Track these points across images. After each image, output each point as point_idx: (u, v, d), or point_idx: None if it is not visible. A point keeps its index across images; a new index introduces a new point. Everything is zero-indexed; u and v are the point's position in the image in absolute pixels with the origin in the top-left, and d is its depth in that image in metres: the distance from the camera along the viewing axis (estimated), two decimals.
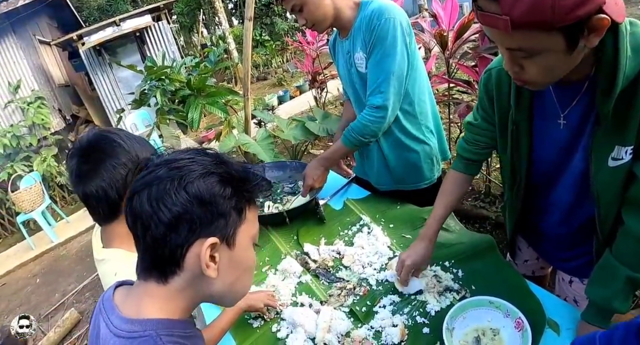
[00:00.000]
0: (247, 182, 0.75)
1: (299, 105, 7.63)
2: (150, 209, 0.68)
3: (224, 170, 0.73)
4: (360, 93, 1.81)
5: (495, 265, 1.45)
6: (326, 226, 1.84)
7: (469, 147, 1.40)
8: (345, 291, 1.45)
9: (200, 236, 0.69)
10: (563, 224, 1.28)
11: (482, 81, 1.25)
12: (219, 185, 0.71)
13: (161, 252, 0.70)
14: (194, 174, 0.70)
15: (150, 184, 0.70)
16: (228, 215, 0.72)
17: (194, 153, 0.75)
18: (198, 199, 0.69)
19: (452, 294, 1.38)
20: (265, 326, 1.42)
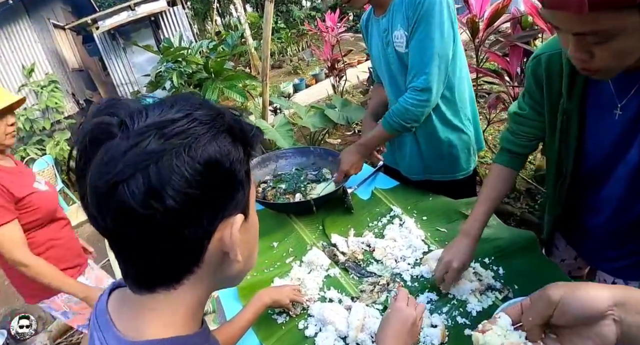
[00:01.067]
0: (249, 133, 0.58)
1: (315, 94, 7.50)
2: (152, 199, 0.48)
3: (229, 125, 0.55)
4: (397, 74, 1.68)
5: (538, 264, 1.36)
6: (354, 216, 1.72)
7: (515, 139, 1.31)
8: (378, 287, 1.34)
9: (224, 217, 0.55)
10: (612, 221, 1.20)
11: (530, 68, 1.17)
12: (233, 148, 0.53)
13: (173, 253, 0.53)
14: (202, 139, 0.51)
15: (143, 164, 0.48)
16: (245, 182, 0.57)
17: (183, 109, 0.53)
18: (215, 172, 0.51)
19: (494, 294, 1.29)
20: (291, 322, 1.31)
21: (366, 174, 1.97)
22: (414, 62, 1.55)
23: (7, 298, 4.61)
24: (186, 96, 0.56)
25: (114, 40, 8.79)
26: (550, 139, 1.22)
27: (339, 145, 5.05)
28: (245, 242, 0.61)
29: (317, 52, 5.87)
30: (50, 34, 8.51)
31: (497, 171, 1.36)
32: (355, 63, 7.88)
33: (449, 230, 1.56)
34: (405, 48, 1.57)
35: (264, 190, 1.87)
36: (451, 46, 1.54)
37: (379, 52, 1.74)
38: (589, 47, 0.82)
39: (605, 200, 1.18)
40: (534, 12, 2.50)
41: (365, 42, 1.87)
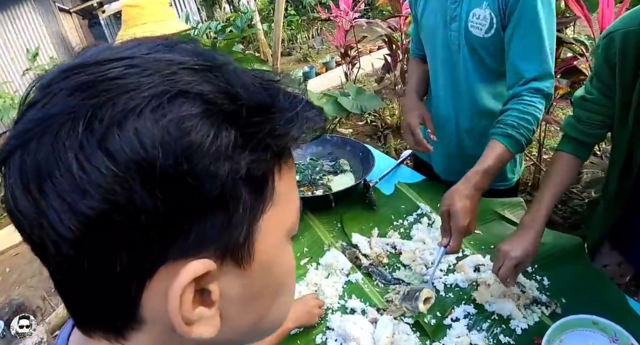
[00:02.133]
0: (275, 112, 0.33)
1: (327, 81, 7.31)
2: (29, 205, 0.29)
3: (216, 85, 0.31)
4: (458, 60, 1.40)
5: (586, 274, 1.22)
6: (376, 213, 1.54)
7: (581, 127, 1.17)
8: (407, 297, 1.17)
9: (168, 259, 0.31)
10: None
11: (602, 47, 1.07)
12: (201, 127, 0.29)
13: (86, 295, 0.32)
14: (131, 101, 0.28)
15: (26, 136, 0.29)
16: (233, 198, 0.31)
17: (146, 46, 0.32)
18: (141, 170, 0.27)
19: (540, 308, 1.13)
20: (307, 336, 1.14)
21: (388, 166, 1.79)
22: (534, 58, 1.25)
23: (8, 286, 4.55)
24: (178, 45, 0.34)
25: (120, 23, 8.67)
26: (620, 126, 1.10)
27: (350, 135, 4.88)
28: (247, 302, 0.37)
29: (329, 37, 5.68)
30: (56, 18, 8.41)
31: (561, 158, 1.20)
32: (367, 52, 7.67)
33: (484, 233, 1.39)
34: (486, 33, 1.29)
35: None
36: None
37: (436, 23, 1.42)
38: None
39: None
40: None
41: (413, 9, 1.53)
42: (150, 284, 0.31)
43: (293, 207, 0.39)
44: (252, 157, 0.31)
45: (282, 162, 0.36)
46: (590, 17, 2.38)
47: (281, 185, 0.35)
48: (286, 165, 0.36)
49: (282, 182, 0.36)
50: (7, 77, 7.86)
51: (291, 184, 0.38)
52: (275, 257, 0.37)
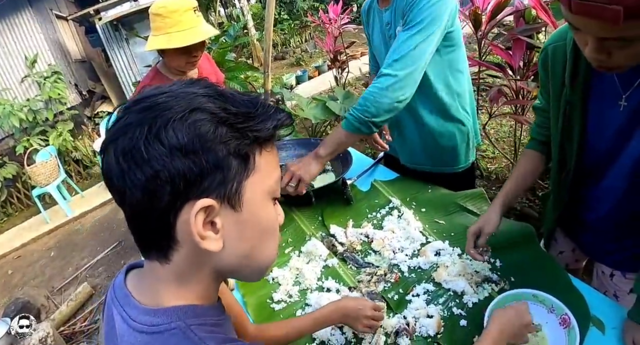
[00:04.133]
0: (252, 116, 0.55)
1: (318, 85, 7.48)
2: (119, 168, 0.51)
3: (217, 105, 0.53)
4: None
5: (535, 257, 1.36)
6: (353, 208, 1.73)
7: (540, 130, 1.36)
8: (376, 277, 1.35)
9: (190, 199, 0.52)
10: (612, 214, 1.20)
11: (540, 60, 1.19)
12: (207, 125, 0.52)
13: (144, 223, 0.54)
14: (170, 114, 0.51)
15: (116, 134, 0.52)
16: (226, 166, 0.53)
17: (177, 85, 0.56)
18: (178, 148, 0.50)
19: (491, 285, 1.29)
20: (287, 310, 1.32)
21: (365, 166, 1.97)
22: None
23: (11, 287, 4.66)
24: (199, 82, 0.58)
25: (116, 31, 8.75)
26: (554, 130, 1.22)
27: None
28: (242, 234, 0.58)
29: (320, 43, 5.84)
30: (53, 25, 8.47)
31: (527, 154, 1.39)
32: (359, 55, 7.83)
33: (446, 222, 1.57)
34: None
35: None
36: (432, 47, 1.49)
37: (381, 42, 1.72)
38: (610, 48, 0.83)
39: (607, 194, 1.18)
40: (537, 5, 2.47)
41: (365, 30, 1.85)
42: (180, 213, 0.53)
43: (272, 176, 0.60)
44: (237, 142, 0.54)
45: (263, 147, 0.58)
46: (557, 23, 2.53)
47: (261, 161, 0.57)
48: (265, 149, 0.58)
49: (262, 159, 0.58)
50: (6, 84, 7.94)
51: (271, 161, 0.60)
52: (259, 208, 0.59)
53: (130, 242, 3.88)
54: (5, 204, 6.77)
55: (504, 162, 3.44)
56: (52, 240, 5.46)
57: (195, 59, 1.87)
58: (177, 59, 1.83)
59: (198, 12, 1.84)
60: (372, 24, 1.74)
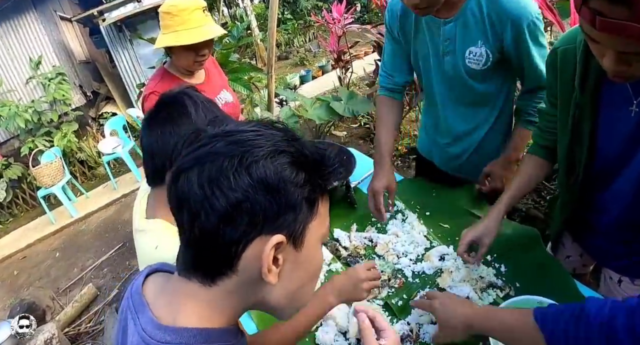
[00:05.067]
0: (323, 166, 0.60)
1: (322, 85, 7.46)
2: (201, 192, 0.54)
3: (296, 149, 0.58)
4: (456, 86, 1.55)
5: (541, 262, 1.35)
6: (357, 211, 1.72)
7: (543, 134, 1.34)
8: (380, 282, 1.33)
9: (263, 232, 0.55)
10: (620, 219, 1.18)
11: (548, 63, 1.19)
12: (290, 169, 0.56)
13: (211, 248, 0.57)
14: (260, 152, 0.55)
15: (203, 160, 0.55)
16: (299, 208, 0.57)
17: (259, 125, 0.60)
18: (264, 184, 0.54)
19: (495, 291, 1.29)
20: None
21: (370, 167, 1.96)
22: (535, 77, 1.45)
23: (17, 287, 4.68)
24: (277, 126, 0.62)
25: (120, 32, 8.77)
26: (562, 134, 1.21)
27: (344, 138, 5.04)
28: (295, 273, 0.62)
29: (323, 43, 5.83)
30: (57, 26, 8.50)
31: (530, 159, 1.38)
32: (362, 55, 7.83)
33: (451, 226, 1.56)
34: (483, 66, 1.44)
35: None
36: None
37: (428, 52, 1.54)
38: (630, 61, 0.83)
39: (616, 198, 1.17)
40: (543, 4, 2.45)
41: (396, 35, 1.61)
42: (250, 245, 0.56)
43: (325, 222, 0.65)
44: (310, 188, 0.58)
45: (324, 194, 0.63)
46: (563, 23, 2.51)
47: (321, 207, 0.62)
48: (325, 197, 0.64)
49: (322, 206, 0.63)
50: (11, 85, 7.98)
51: (326, 208, 0.65)
52: (313, 250, 0.63)
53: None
54: (10, 204, 6.81)
55: None
56: (57, 241, 5.48)
57: (203, 59, 1.86)
58: (185, 58, 1.84)
59: (207, 12, 1.85)
60: (416, 33, 1.55)
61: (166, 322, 0.60)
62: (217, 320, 0.61)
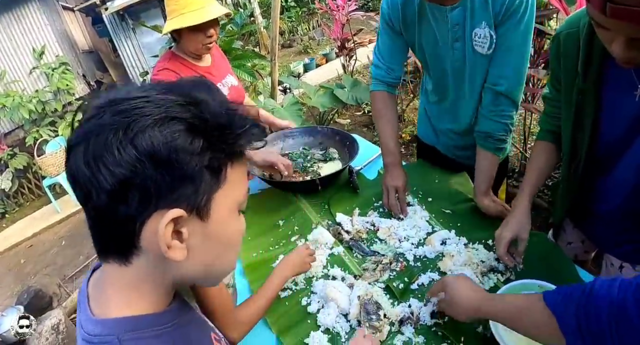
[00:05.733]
0: (228, 130, 0.54)
1: (325, 73, 7.43)
2: (88, 170, 0.49)
3: (193, 114, 0.52)
4: (467, 74, 1.50)
5: (542, 247, 1.35)
6: (359, 196, 1.72)
7: (549, 120, 1.33)
8: (381, 266, 1.34)
9: (159, 207, 0.51)
10: (623, 206, 1.18)
11: (552, 49, 1.18)
12: (184, 137, 0.51)
13: (108, 227, 0.53)
14: (146, 120, 0.50)
15: (89, 135, 0.50)
16: (199, 178, 0.53)
17: (152, 90, 0.54)
18: (152, 157, 0.49)
19: (496, 275, 1.29)
20: (293, 298, 1.33)
21: (372, 154, 1.96)
22: (509, 68, 1.39)
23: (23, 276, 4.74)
24: (187, 81, 0.57)
25: (123, 20, 8.74)
26: (565, 119, 1.20)
27: (348, 126, 5.02)
28: (207, 245, 0.58)
29: (327, 31, 5.79)
30: (60, 16, 8.49)
31: (541, 146, 1.37)
32: (366, 42, 7.77)
33: (453, 212, 1.56)
34: (488, 49, 1.39)
35: None
36: None
37: (436, 42, 1.49)
38: (639, 47, 0.82)
39: (618, 185, 1.16)
40: None
41: (395, 25, 1.55)
42: (147, 222, 0.52)
43: (240, 189, 0.61)
44: (211, 156, 0.53)
45: (234, 160, 0.58)
46: (569, 9, 2.48)
47: (232, 174, 0.57)
48: (237, 163, 0.58)
49: (233, 172, 0.58)
50: (14, 76, 7.99)
51: (241, 175, 0.60)
52: (226, 220, 0.59)
53: None
54: (16, 194, 6.87)
55: (514, 150, 3.41)
56: (63, 230, 5.53)
57: (211, 40, 1.87)
58: (193, 41, 1.85)
59: None
60: (420, 22, 1.49)
61: (97, 314, 0.58)
62: (143, 305, 0.59)
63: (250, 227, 1.67)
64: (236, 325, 1.08)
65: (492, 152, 1.50)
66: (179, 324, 0.63)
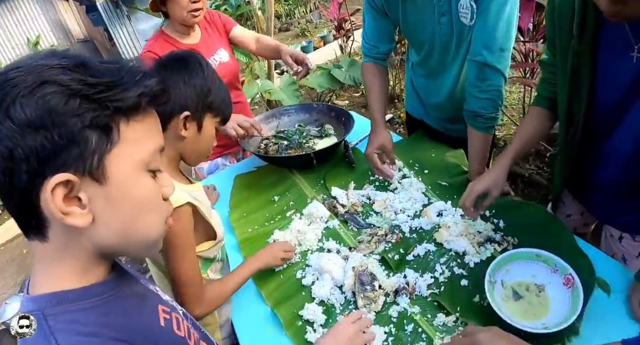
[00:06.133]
0: (116, 85, 0.53)
1: (323, 56, 7.34)
2: None
3: (72, 76, 0.51)
4: (452, 48, 1.50)
5: (540, 218, 1.34)
6: (355, 170, 1.70)
7: (546, 85, 1.30)
8: (376, 238, 1.33)
9: (47, 175, 0.50)
10: (622, 173, 1.16)
11: (547, 12, 1.16)
12: (56, 98, 0.49)
13: (10, 201, 0.53)
14: (16, 90, 0.49)
15: None
16: (82, 140, 0.51)
17: (33, 59, 0.53)
18: (28, 125, 0.48)
19: (493, 246, 1.28)
20: (288, 271, 1.32)
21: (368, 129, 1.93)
22: (490, 37, 1.35)
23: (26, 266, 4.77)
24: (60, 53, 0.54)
25: (117, 8, 8.65)
26: (562, 84, 1.18)
27: (346, 107, 4.98)
28: (113, 208, 0.55)
29: (324, 12, 5.72)
30: (54, 5, 8.43)
31: (533, 112, 1.35)
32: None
33: (450, 184, 1.54)
34: (470, 20, 1.36)
35: (266, 146, 1.85)
36: None
37: (422, 18, 1.48)
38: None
39: (616, 151, 1.15)
40: None
41: (378, 4, 1.56)
42: (41, 191, 0.51)
43: (144, 147, 0.58)
44: (94, 114, 0.51)
45: (130, 117, 0.55)
46: None
47: (128, 131, 0.55)
48: (134, 119, 0.56)
49: (130, 130, 0.55)
50: None
51: (143, 131, 0.57)
52: (130, 181, 0.56)
53: None
54: None
55: (513, 129, 3.38)
56: None
57: (196, 6, 1.84)
58: (179, 8, 1.82)
59: None
60: (404, 0, 1.48)
61: (31, 291, 0.57)
62: (68, 279, 0.57)
63: (246, 202, 1.66)
64: (201, 301, 1.08)
65: (483, 131, 1.46)
66: (115, 296, 0.61)
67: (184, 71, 1.06)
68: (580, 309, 0.99)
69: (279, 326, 1.19)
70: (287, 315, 1.20)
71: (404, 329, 1.10)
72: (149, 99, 0.57)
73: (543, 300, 1.09)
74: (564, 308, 1.03)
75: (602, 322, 1.03)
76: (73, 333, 0.54)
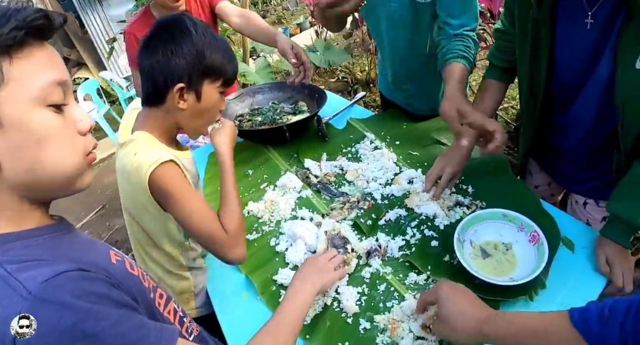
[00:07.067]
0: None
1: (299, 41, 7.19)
2: None
3: None
4: (400, 30, 1.55)
5: (508, 183, 1.37)
6: (328, 144, 1.72)
7: (499, 54, 1.32)
8: (349, 205, 1.35)
9: None
10: (584, 141, 1.21)
11: None
12: None
13: None
14: None
15: None
16: None
17: None
18: None
19: (462, 209, 1.31)
20: (262, 239, 1.34)
21: (341, 106, 1.95)
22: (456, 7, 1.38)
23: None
24: None
25: None
26: (521, 54, 1.20)
27: None
28: (13, 149, 0.55)
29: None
30: None
31: (487, 84, 1.37)
32: None
33: (420, 154, 1.57)
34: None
35: (240, 123, 1.85)
36: None
37: (375, 6, 1.54)
38: None
39: (577, 120, 1.18)
40: None
41: None
42: None
43: (35, 83, 0.55)
44: None
45: (12, 54, 0.54)
46: None
47: (14, 70, 0.54)
48: (17, 56, 0.54)
49: (15, 67, 0.54)
50: None
51: (30, 66, 0.55)
52: (25, 118, 0.55)
53: (115, 205, 3.88)
54: None
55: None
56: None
57: None
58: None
59: None
60: None
61: None
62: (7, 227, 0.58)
63: None
64: (230, 245, 1.05)
65: (456, 60, 1.33)
66: (60, 236, 0.62)
67: (171, 42, 1.02)
68: (545, 262, 1.03)
69: (253, 292, 1.20)
70: (261, 280, 1.21)
71: (376, 289, 1.13)
72: (28, 32, 0.54)
73: (510, 258, 1.12)
74: (531, 264, 1.07)
75: (568, 276, 1.08)
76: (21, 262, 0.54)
